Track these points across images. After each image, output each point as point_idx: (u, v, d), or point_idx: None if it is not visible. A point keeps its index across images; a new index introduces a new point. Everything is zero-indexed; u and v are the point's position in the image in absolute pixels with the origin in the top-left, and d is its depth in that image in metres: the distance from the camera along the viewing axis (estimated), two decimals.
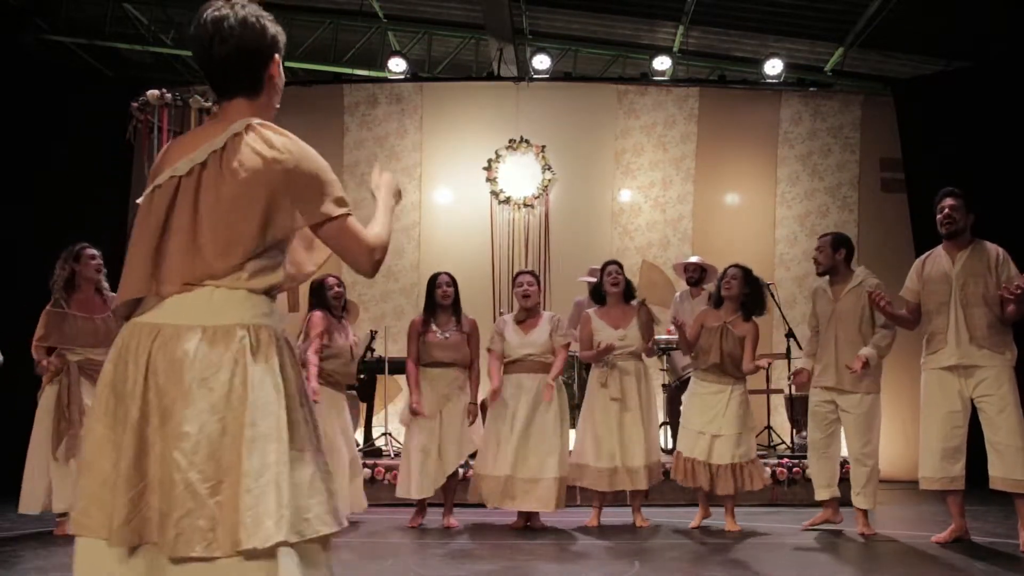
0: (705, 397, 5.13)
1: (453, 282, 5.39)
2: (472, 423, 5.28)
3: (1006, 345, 4.40)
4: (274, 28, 1.77)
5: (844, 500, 5.10)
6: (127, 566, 1.59)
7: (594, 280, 5.69)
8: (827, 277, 5.07)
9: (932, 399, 4.53)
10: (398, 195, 2.02)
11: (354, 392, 5.60)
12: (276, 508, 1.57)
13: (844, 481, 5.18)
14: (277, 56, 1.79)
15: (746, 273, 5.20)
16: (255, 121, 1.71)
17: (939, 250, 4.63)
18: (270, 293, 1.74)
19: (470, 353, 5.36)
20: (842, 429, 4.99)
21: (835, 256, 4.99)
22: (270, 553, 1.56)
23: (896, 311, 4.74)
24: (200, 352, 1.61)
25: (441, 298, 5.34)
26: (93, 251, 5.08)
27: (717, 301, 5.24)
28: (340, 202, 1.72)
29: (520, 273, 5.52)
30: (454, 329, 5.33)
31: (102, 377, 1.68)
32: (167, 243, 1.67)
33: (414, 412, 5.22)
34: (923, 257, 4.73)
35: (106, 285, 5.10)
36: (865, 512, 4.89)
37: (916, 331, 4.86)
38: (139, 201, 1.75)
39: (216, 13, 1.71)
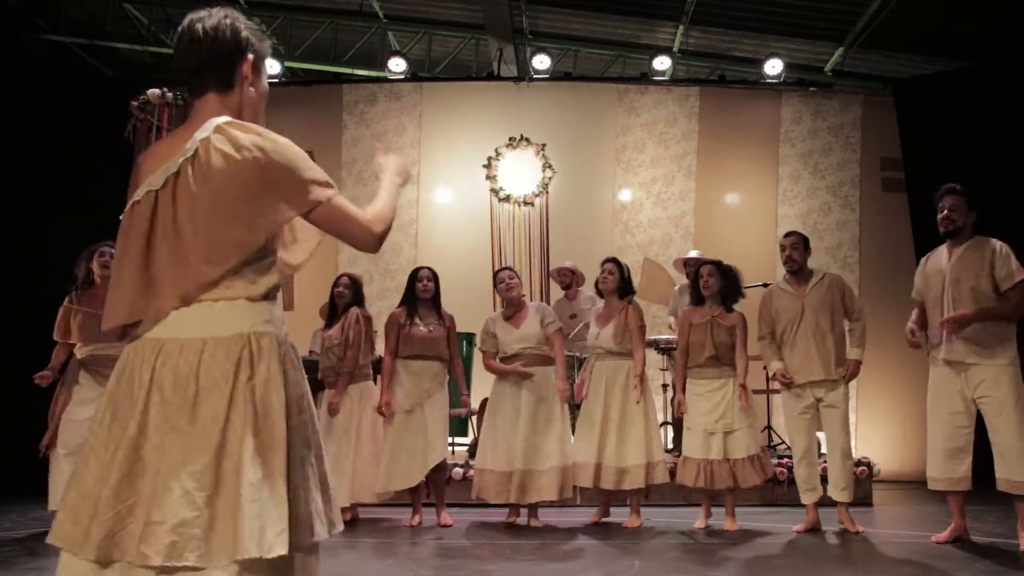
0: (707, 395, 5.11)
1: (434, 276, 5.45)
2: (466, 415, 5.29)
3: (1000, 344, 4.32)
4: (248, 32, 1.79)
5: (825, 500, 5.13)
6: None
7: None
8: (785, 276, 5.21)
9: (936, 398, 4.53)
10: (405, 175, 2.00)
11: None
12: (279, 519, 1.56)
13: (823, 480, 5.18)
14: (250, 56, 1.79)
15: (719, 267, 5.30)
16: (221, 121, 1.69)
17: (942, 247, 4.63)
18: (269, 296, 1.72)
19: (449, 348, 5.41)
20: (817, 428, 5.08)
21: (805, 254, 5.17)
22: (266, 564, 1.55)
23: (917, 338, 4.74)
24: (204, 364, 1.60)
25: (421, 292, 5.38)
26: (106, 249, 5.12)
27: (699, 300, 5.30)
28: (323, 185, 1.70)
29: (499, 271, 5.59)
30: (436, 323, 5.38)
31: (106, 392, 1.67)
32: (154, 261, 1.64)
33: (381, 413, 5.29)
34: (928, 255, 4.75)
35: None
36: (848, 506, 4.98)
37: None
38: (121, 217, 1.72)
39: (190, 20, 1.77)
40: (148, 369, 1.61)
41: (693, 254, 7.33)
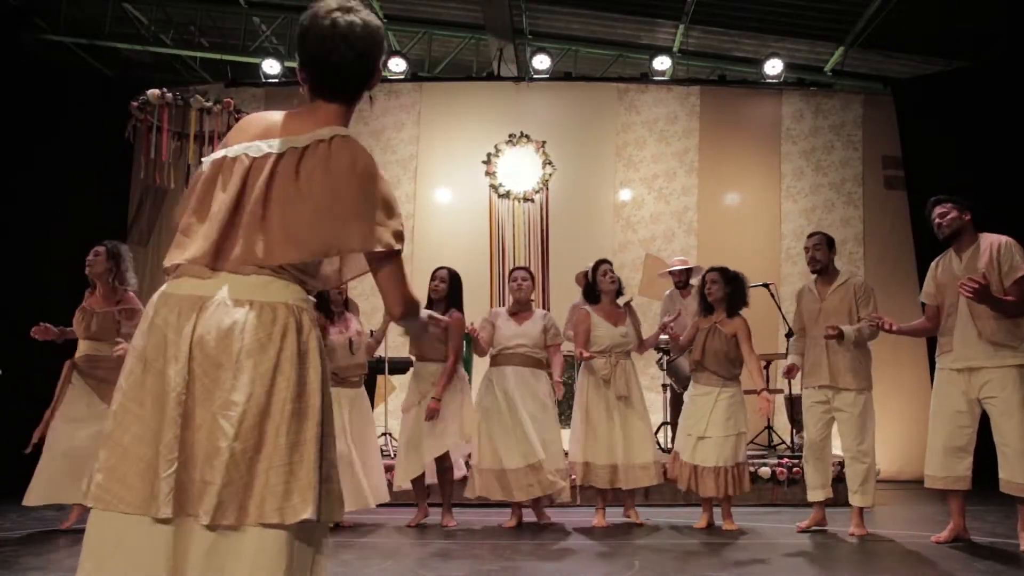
0: (696, 399, 5.16)
1: (449, 277, 5.38)
2: (429, 419, 5.13)
3: (1010, 346, 4.29)
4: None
5: (837, 501, 5.11)
6: (152, 535, 1.57)
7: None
8: (814, 276, 5.15)
9: (939, 398, 4.53)
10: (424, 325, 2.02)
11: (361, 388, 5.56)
12: (306, 486, 1.59)
13: (839, 481, 5.17)
14: (382, 58, 1.82)
15: (723, 272, 5.27)
16: (343, 132, 1.71)
17: (950, 251, 4.62)
18: (310, 292, 1.79)
19: (445, 348, 5.24)
20: (834, 428, 5.00)
21: (830, 254, 5.08)
22: (292, 528, 1.59)
23: (907, 327, 4.74)
24: (250, 323, 1.62)
25: (431, 292, 5.38)
26: (94, 250, 5.18)
27: (707, 308, 5.25)
28: (399, 236, 1.70)
29: (515, 269, 5.62)
30: None
31: (131, 351, 1.67)
32: (237, 222, 1.67)
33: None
34: (937, 259, 4.71)
35: (132, 281, 5.19)
36: (860, 511, 4.88)
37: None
38: (204, 160, 1.75)
39: (347, 17, 1.70)
40: (188, 324, 1.62)
41: (678, 260, 7.30)
